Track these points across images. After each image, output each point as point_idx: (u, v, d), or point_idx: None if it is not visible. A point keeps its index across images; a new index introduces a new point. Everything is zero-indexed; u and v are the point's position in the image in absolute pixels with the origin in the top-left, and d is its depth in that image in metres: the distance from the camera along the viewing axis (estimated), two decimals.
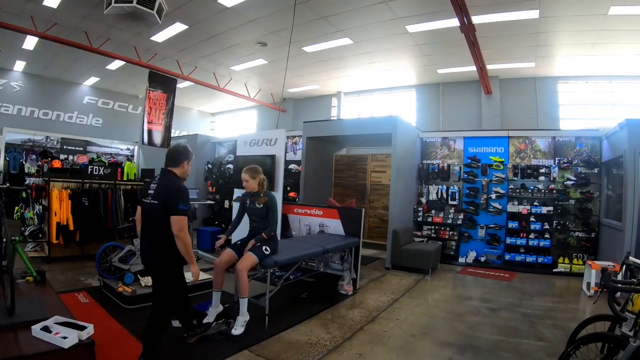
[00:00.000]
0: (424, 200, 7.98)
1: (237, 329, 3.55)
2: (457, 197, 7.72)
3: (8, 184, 8.35)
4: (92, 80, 13.49)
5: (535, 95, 10.04)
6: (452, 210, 7.65)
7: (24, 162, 10.52)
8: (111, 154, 13.65)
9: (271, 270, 5.09)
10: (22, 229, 6.43)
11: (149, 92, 10.11)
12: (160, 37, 9.07)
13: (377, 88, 12.36)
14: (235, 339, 3.47)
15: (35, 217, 6.21)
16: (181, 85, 12.67)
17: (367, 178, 9.49)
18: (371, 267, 6.93)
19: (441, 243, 7.53)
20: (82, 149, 13.34)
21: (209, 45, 9.53)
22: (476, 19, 6.67)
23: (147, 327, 2.85)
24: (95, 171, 6.68)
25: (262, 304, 3.91)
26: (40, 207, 6.18)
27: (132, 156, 14.18)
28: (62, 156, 11.96)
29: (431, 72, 10.33)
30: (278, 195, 6.02)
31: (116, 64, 11.24)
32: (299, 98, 14.20)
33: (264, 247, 3.83)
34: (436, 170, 7.89)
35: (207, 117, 18.12)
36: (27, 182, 6.83)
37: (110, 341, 3.29)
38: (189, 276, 3.06)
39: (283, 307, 4.46)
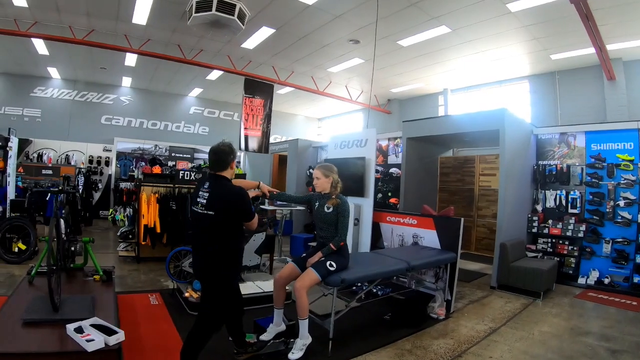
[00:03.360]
0: (539, 207, 6.95)
1: (295, 353, 3.22)
2: (578, 204, 6.57)
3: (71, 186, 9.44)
4: (197, 91, 14.82)
5: None
6: (572, 220, 6.52)
7: (134, 169, 11.93)
8: None
9: (358, 284, 4.76)
10: (122, 231, 7.10)
11: (245, 99, 10.61)
12: (250, 43, 9.48)
13: (486, 82, 11.35)
14: None
15: (126, 219, 6.85)
16: (282, 91, 13.33)
17: (475, 182, 8.72)
18: (474, 285, 6.20)
19: (558, 260, 6.49)
20: (189, 156, 14.58)
21: (300, 48, 9.69)
22: None
23: (187, 339, 2.79)
24: (187, 176, 7.10)
25: (327, 326, 3.54)
26: (131, 209, 6.79)
27: (239, 162, 15.10)
28: (170, 163, 13.20)
29: (544, 58, 9.13)
30: (368, 202, 5.79)
31: (215, 74, 12.12)
32: (404, 98, 13.85)
33: (328, 262, 3.43)
34: (554, 172, 6.83)
35: (313, 122, 18.69)
36: (121, 186, 7.58)
37: (158, 345, 3.36)
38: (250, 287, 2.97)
39: (358, 329, 4.10)
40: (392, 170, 9.42)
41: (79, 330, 2.49)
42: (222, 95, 15.13)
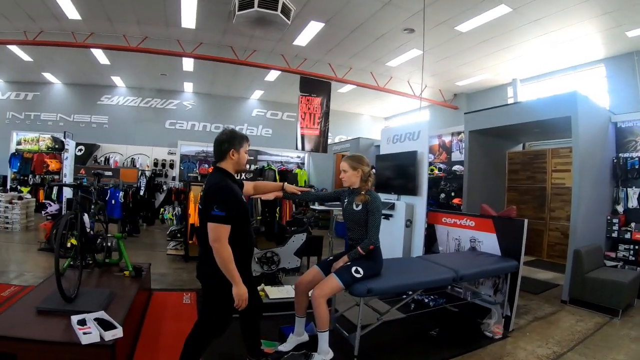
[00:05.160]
0: (620, 208, 6.11)
1: None
2: None
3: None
4: (258, 93, 15.36)
5: None
6: None
7: (196, 171, 12.65)
8: (282, 162, 15.03)
9: (410, 293, 4.40)
10: (170, 229, 7.46)
11: (302, 98, 10.73)
12: (302, 40, 9.52)
13: (558, 69, 10.40)
14: None
15: (174, 218, 7.18)
16: (343, 90, 13.40)
17: (547, 180, 7.93)
18: (542, 298, 5.52)
19: None
20: (252, 158, 15.00)
21: (354, 42, 9.55)
22: None
23: (185, 343, 2.62)
24: (238, 176, 7.27)
25: (352, 342, 3.26)
26: (179, 209, 7.11)
27: (303, 164, 15.36)
28: None
29: (619, 36, 8.10)
30: (422, 201, 5.45)
31: (273, 75, 12.38)
32: (471, 92, 13.18)
33: (354, 268, 3.09)
34: (637, 167, 5.97)
35: (379, 121, 18.48)
36: (169, 186, 8.00)
37: (173, 344, 3.25)
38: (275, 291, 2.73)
39: (395, 345, 3.75)
40: (456, 167, 8.93)
41: (82, 322, 2.59)
42: (284, 97, 15.43)
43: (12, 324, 2.60)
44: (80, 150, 11.66)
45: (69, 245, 6.17)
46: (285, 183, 3.46)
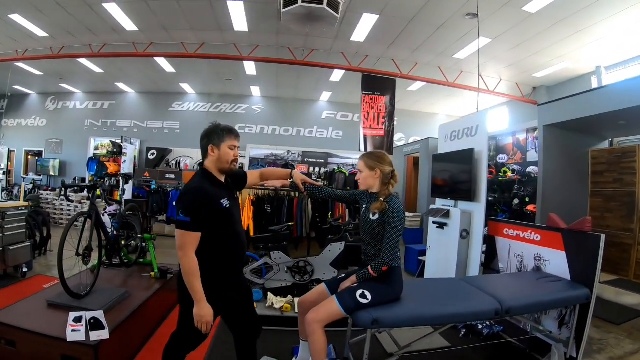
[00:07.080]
0: None
1: None
2: None
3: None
4: (326, 95, 15.43)
5: None
6: None
7: None
8: (353, 165, 15.00)
9: None
10: None
11: (364, 97, 10.62)
12: (359, 35, 9.33)
13: None
14: None
15: None
16: (412, 87, 13.06)
17: (636, 183, 6.78)
18: (624, 331, 4.55)
19: None
20: (322, 160, 15.09)
21: (413, 33, 9.14)
22: None
23: (163, 356, 2.47)
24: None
25: None
26: None
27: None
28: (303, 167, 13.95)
29: None
30: (480, 208, 4.94)
31: (337, 75, 12.33)
32: (551, 84, 11.99)
33: (359, 292, 2.59)
34: None
35: None
36: None
37: None
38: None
39: None
40: (531, 169, 8.07)
41: (78, 319, 2.75)
42: (352, 98, 15.21)
43: (20, 314, 2.88)
44: (152, 154, 12.79)
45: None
46: (294, 170, 3.09)
